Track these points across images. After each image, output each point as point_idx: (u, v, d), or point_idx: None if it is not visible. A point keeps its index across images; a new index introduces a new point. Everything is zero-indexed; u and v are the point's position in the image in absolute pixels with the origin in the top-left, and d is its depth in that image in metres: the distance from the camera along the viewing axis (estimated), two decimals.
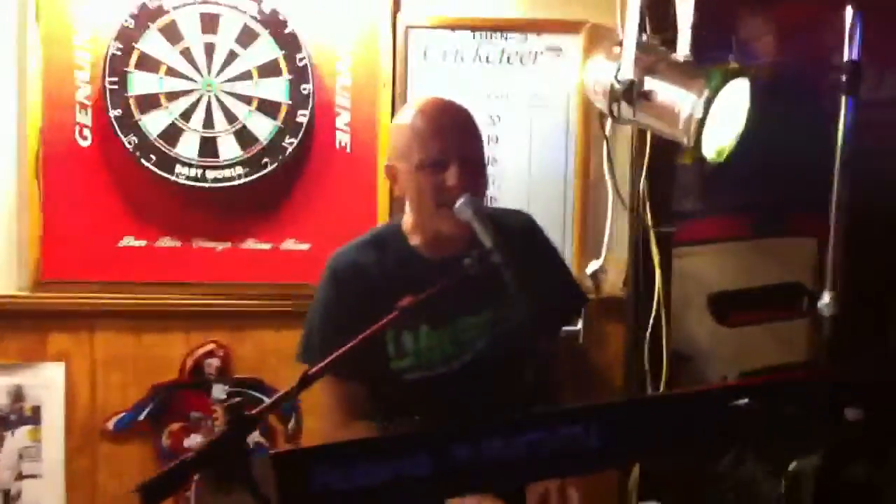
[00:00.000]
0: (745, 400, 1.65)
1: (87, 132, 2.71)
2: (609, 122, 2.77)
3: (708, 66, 2.48)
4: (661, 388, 2.88)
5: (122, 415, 2.81)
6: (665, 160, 2.87)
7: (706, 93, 2.42)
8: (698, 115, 2.41)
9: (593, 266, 2.89)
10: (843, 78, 2.46)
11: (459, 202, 1.99)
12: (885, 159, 2.98)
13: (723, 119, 2.50)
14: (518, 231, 2.25)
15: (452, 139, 2.05)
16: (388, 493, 1.35)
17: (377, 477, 1.34)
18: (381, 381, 2.13)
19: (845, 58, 2.46)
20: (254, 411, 1.30)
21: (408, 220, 2.18)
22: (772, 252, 3.09)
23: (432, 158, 2.03)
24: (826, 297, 2.50)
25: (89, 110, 2.70)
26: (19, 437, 2.76)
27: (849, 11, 2.46)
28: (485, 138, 2.76)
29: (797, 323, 3.08)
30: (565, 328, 2.80)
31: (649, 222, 2.87)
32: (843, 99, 2.47)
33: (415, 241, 2.17)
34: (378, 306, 2.06)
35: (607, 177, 2.86)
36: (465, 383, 2.14)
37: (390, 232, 2.23)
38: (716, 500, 2.88)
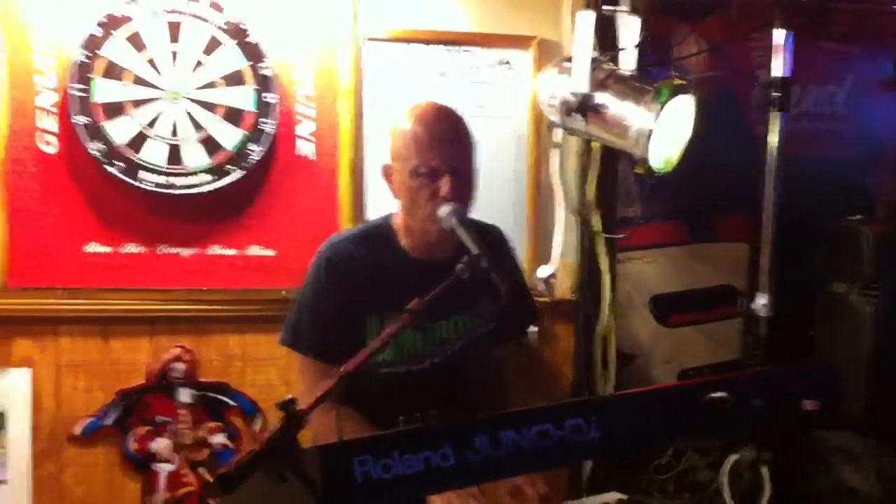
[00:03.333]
0: (719, 393, 1.81)
1: (51, 138, 2.73)
2: (559, 132, 2.93)
3: (655, 82, 2.66)
4: (610, 386, 3.04)
5: (89, 420, 2.83)
6: (611, 170, 3.04)
7: (655, 107, 2.59)
8: (648, 127, 2.59)
9: (544, 271, 3.03)
10: (775, 94, 2.67)
11: (444, 211, 2.09)
12: (806, 167, 3.22)
13: (670, 132, 2.68)
14: (492, 242, 2.35)
15: (449, 150, 2.14)
16: (420, 480, 1.46)
17: (411, 467, 1.45)
18: (359, 372, 2.21)
19: (776, 74, 2.66)
20: (304, 408, 1.38)
21: (398, 219, 2.27)
22: (707, 256, 3.29)
23: (427, 167, 2.12)
24: (761, 299, 2.70)
25: (54, 116, 2.72)
26: None
27: (780, 31, 2.66)
28: None
29: (729, 323, 3.28)
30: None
31: (597, 228, 3.03)
32: (775, 113, 2.68)
33: (405, 241, 2.26)
34: (366, 300, 2.16)
35: (557, 186, 3.00)
36: (433, 380, 2.25)
37: (382, 229, 2.30)
38: (658, 489, 3.06)
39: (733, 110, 3.24)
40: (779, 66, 2.68)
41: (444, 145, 2.14)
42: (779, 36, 2.67)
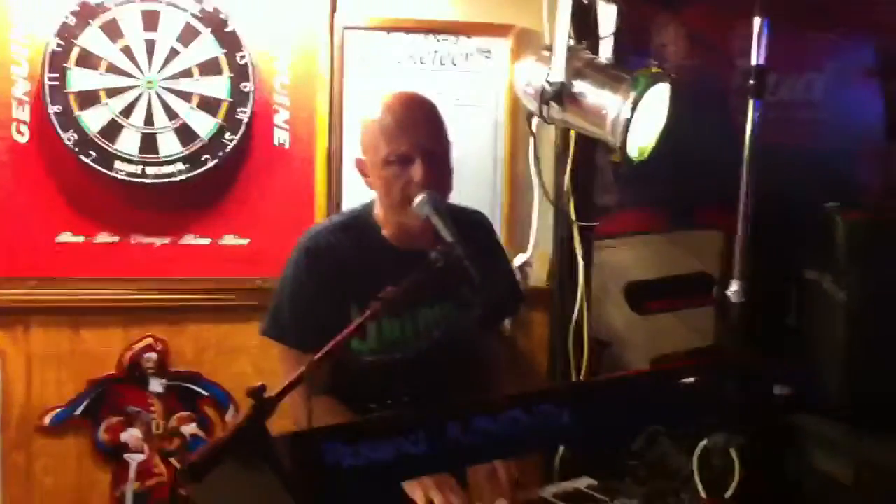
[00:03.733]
0: (692, 379, 1.82)
1: (23, 128, 2.70)
2: (536, 121, 2.92)
3: (632, 71, 2.66)
4: (583, 374, 3.05)
5: (59, 410, 2.82)
6: (587, 158, 3.03)
7: (632, 95, 2.59)
8: (625, 116, 2.59)
9: (520, 259, 3.04)
10: (751, 82, 2.68)
11: (418, 199, 2.09)
12: (786, 155, 3.23)
13: (645, 120, 2.69)
14: (473, 228, 2.36)
15: (418, 134, 2.14)
16: (390, 467, 1.45)
17: (381, 453, 1.44)
18: (339, 363, 2.20)
19: (752, 62, 2.67)
20: (274, 394, 1.38)
21: (378, 210, 2.26)
22: (683, 243, 3.30)
23: (398, 153, 2.11)
24: (734, 286, 2.71)
25: (27, 106, 2.69)
26: None
27: (756, 19, 2.67)
28: None
29: (704, 310, 3.29)
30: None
31: (573, 217, 3.03)
32: (751, 101, 2.69)
33: (385, 230, 2.26)
34: (347, 290, 2.15)
35: (533, 174, 3.00)
36: (417, 368, 2.25)
37: (363, 218, 2.29)
38: (630, 475, 3.06)
39: (714, 99, 3.25)
40: (756, 54, 2.69)
41: (413, 130, 2.13)
42: (755, 24, 2.69)
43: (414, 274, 1.85)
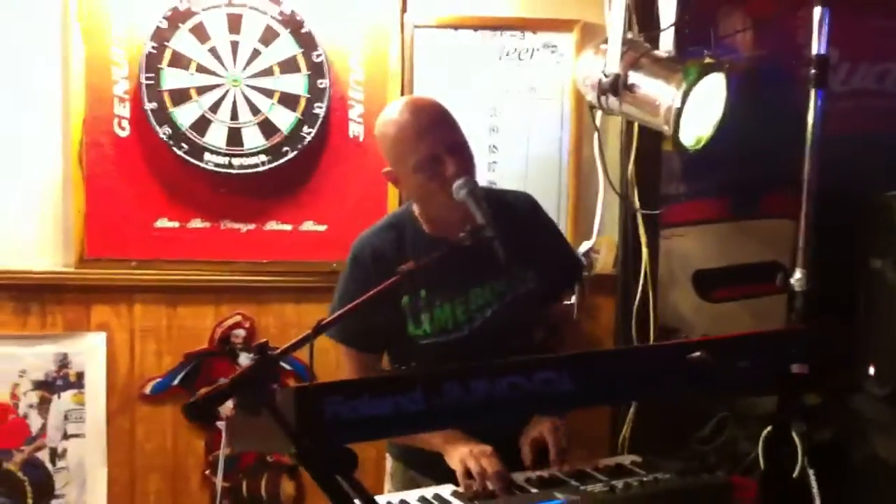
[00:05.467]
0: (698, 353, 1.90)
1: (125, 123, 2.99)
2: (599, 113, 3.02)
3: (687, 61, 2.73)
4: None
5: (158, 380, 3.10)
6: (651, 148, 3.12)
7: (684, 85, 2.67)
8: (677, 105, 2.67)
9: (585, 246, 3.15)
10: (812, 71, 2.70)
11: (455, 184, 2.20)
12: (857, 145, 3.22)
13: (701, 109, 2.76)
14: (519, 208, 2.47)
15: (437, 133, 2.23)
16: (388, 423, 1.61)
17: (379, 409, 1.60)
18: (399, 347, 2.38)
19: (813, 52, 2.70)
20: (277, 351, 1.56)
21: (416, 208, 2.38)
22: (750, 232, 3.32)
23: (426, 157, 2.21)
24: (798, 274, 2.75)
25: (127, 103, 2.98)
26: (65, 400, 3.05)
27: (817, 8, 2.69)
28: (485, 129, 3.07)
29: (775, 298, 3.31)
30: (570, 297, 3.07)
31: (637, 205, 3.12)
32: (812, 91, 2.71)
33: (426, 226, 2.37)
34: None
35: (598, 164, 3.11)
36: (474, 346, 2.35)
37: (405, 217, 2.41)
38: (699, 458, 3.12)
39: (781, 87, 3.26)
40: (817, 43, 2.72)
41: (431, 130, 2.22)
42: (816, 13, 2.71)
43: (439, 251, 1.99)
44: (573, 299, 3.14)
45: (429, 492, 2.10)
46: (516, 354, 2.30)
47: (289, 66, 3.00)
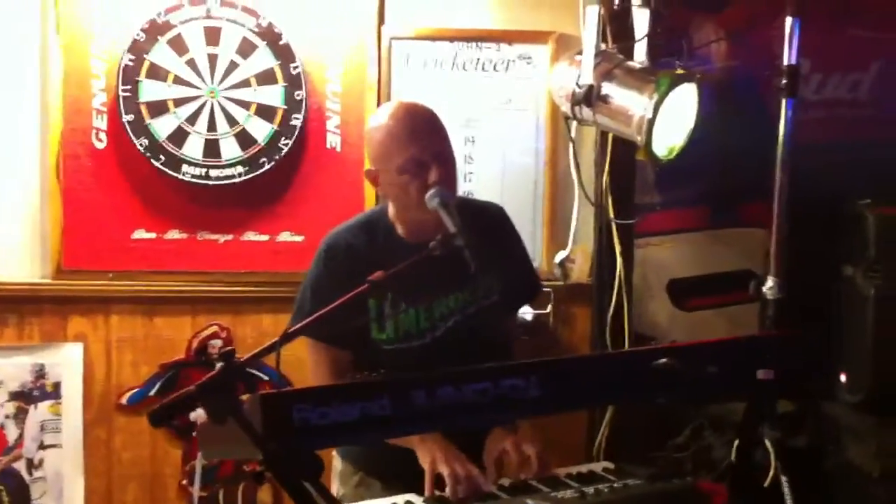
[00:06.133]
0: (664, 360, 1.92)
1: (102, 135, 3.01)
2: (574, 123, 3.05)
3: (659, 72, 2.77)
4: None
5: (135, 390, 3.11)
6: (626, 158, 3.13)
7: (655, 96, 2.71)
8: (648, 116, 2.70)
9: (561, 255, 3.18)
10: (783, 81, 2.74)
11: (428, 194, 2.22)
12: (830, 154, 3.26)
13: (673, 119, 2.79)
14: (489, 218, 2.49)
15: (428, 140, 2.25)
16: (355, 428, 1.63)
17: (347, 415, 1.62)
18: (363, 350, 2.39)
19: (784, 62, 2.74)
20: (242, 358, 1.58)
21: (391, 211, 2.39)
22: (726, 241, 3.36)
23: (413, 160, 2.22)
24: (770, 282, 2.78)
25: (104, 115, 3.00)
26: (42, 410, 3.06)
27: (789, 19, 2.73)
28: (462, 139, 3.10)
29: (752, 306, 3.34)
30: (532, 311, 3.10)
31: (612, 215, 3.14)
32: (783, 100, 2.75)
33: (399, 229, 2.38)
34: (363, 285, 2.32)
35: (573, 174, 3.13)
36: (435, 354, 2.37)
37: (378, 218, 2.42)
38: (675, 465, 3.14)
39: (755, 97, 3.30)
40: (788, 53, 2.76)
41: (423, 136, 2.24)
42: (787, 23, 2.75)
43: (410, 259, 2.01)
44: (548, 308, 3.17)
45: (400, 499, 2.12)
46: (476, 364, 2.35)
47: (266, 77, 3.02)
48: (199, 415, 1.61)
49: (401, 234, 2.39)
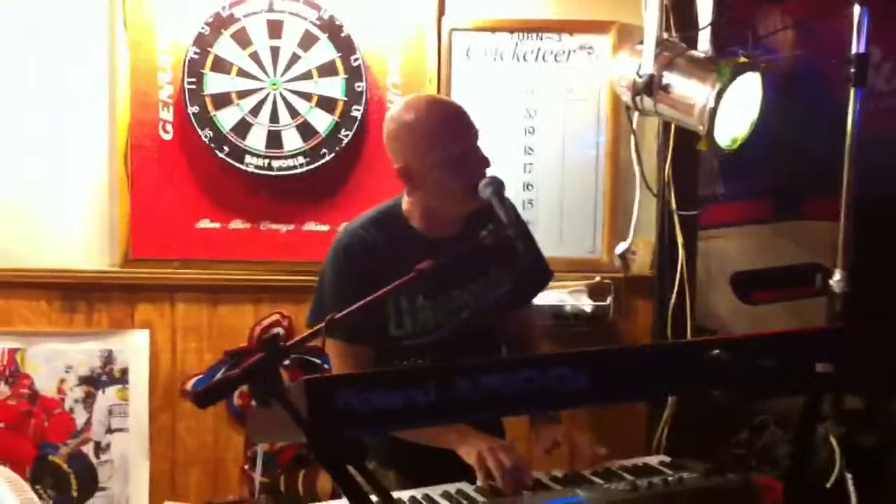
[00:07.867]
0: (716, 351, 1.89)
1: (168, 127, 3.07)
2: (636, 113, 3.02)
3: (722, 61, 2.72)
4: None
5: (199, 376, 3.17)
6: (689, 149, 3.09)
7: (718, 85, 2.66)
8: (711, 105, 2.66)
9: (622, 247, 3.15)
10: (851, 70, 2.67)
11: (481, 183, 2.21)
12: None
13: (736, 109, 2.74)
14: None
15: (465, 131, 2.25)
16: (399, 415, 1.64)
17: (391, 401, 1.63)
18: (381, 346, 2.36)
19: (853, 51, 2.67)
20: (287, 343, 1.60)
21: (407, 205, 2.39)
22: (790, 234, 3.29)
23: (457, 151, 2.22)
24: (837, 275, 2.72)
25: (171, 107, 3.06)
26: (109, 395, 3.15)
27: (856, 7, 2.66)
28: (522, 130, 3.11)
29: (817, 300, 3.26)
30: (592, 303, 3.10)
31: (674, 206, 3.10)
32: (851, 90, 2.68)
33: (416, 222, 2.36)
34: (382, 279, 2.28)
35: (635, 164, 3.11)
36: (446, 348, 2.34)
37: (392, 213, 2.42)
38: (737, 462, 3.09)
39: (822, 88, 3.22)
40: (856, 42, 2.69)
41: (460, 127, 2.25)
42: (855, 12, 2.68)
43: (459, 248, 2.01)
44: (608, 300, 3.15)
45: (451, 487, 2.12)
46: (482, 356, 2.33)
47: (327, 69, 3.05)
48: None
49: (418, 228, 2.36)
